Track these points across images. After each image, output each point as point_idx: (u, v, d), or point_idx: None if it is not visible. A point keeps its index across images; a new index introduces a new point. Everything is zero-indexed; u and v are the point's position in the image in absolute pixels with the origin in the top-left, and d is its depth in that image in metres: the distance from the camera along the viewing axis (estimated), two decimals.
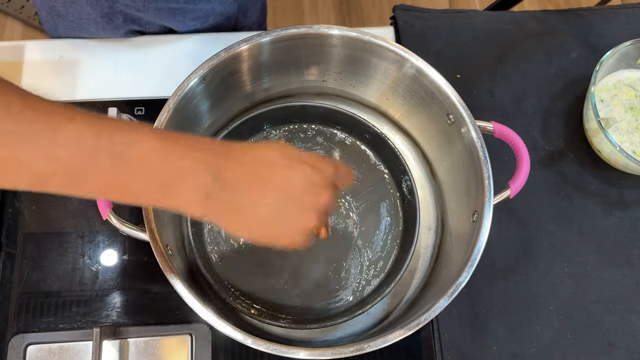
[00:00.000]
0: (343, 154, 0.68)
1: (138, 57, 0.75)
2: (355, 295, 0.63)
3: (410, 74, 0.61)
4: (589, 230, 0.70)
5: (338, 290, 0.63)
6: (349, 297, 0.62)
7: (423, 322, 0.51)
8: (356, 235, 0.65)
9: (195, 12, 0.72)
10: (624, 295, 0.68)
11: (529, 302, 0.67)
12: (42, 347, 0.61)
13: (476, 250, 0.53)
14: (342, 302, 0.62)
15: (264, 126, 0.68)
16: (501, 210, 0.69)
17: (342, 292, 0.63)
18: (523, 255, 0.69)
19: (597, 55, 0.71)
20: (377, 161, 0.68)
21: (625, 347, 0.66)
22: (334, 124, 0.68)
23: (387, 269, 0.64)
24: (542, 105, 0.75)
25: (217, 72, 0.58)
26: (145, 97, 0.72)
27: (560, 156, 0.73)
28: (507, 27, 0.79)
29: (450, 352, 0.64)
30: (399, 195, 0.67)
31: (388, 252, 0.65)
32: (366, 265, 0.64)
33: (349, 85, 0.68)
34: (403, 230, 0.65)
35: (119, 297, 0.64)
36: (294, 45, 0.60)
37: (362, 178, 0.67)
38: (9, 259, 0.65)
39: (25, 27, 1.62)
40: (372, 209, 0.66)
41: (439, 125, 0.62)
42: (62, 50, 0.74)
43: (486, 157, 0.56)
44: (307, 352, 0.49)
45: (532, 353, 0.65)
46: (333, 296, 0.62)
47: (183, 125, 0.59)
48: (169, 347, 0.62)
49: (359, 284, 0.63)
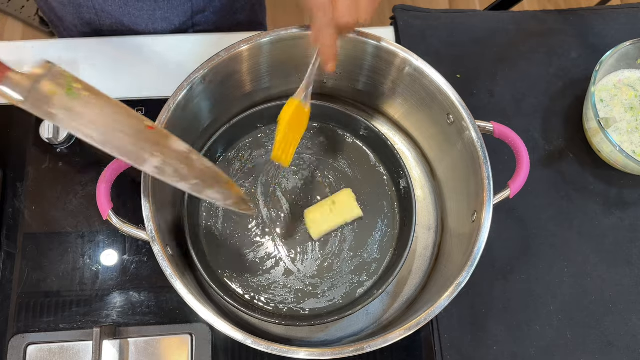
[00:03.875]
0: (343, 153, 0.68)
1: (138, 57, 0.75)
2: (346, 296, 0.63)
3: (410, 74, 0.61)
4: (589, 230, 0.70)
5: (330, 289, 0.63)
6: (339, 297, 0.63)
7: (423, 322, 0.51)
8: (351, 235, 0.65)
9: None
10: (623, 295, 0.68)
11: (529, 302, 0.67)
12: (42, 347, 0.61)
13: (476, 250, 0.53)
14: (333, 301, 0.62)
15: (257, 125, 0.68)
16: (501, 210, 0.69)
17: (333, 291, 0.63)
18: (523, 255, 0.69)
19: (597, 55, 0.71)
20: (377, 162, 0.68)
21: (625, 347, 0.66)
22: (336, 123, 0.68)
23: (380, 272, 0.64)
24: (542, 105, 0.75)
25: (217, 72, 0.58)
26: (145, 97, 0.72)
27: (560, 156, 0.73)
28: (507, 27, 0.79)
29: (450, 352, 0.64)
30: (397, 197, 0.67)
31: (382, 255, 0.65)
32: (359, 266, 0.64)
33: (349, 85, 0.68)
34: (399, 233, 0.65)
35: (119, 297, 0.64)
36: (294, 45, 0.60)
37: (360, 178, 0.67)
38: (9, 259, 0.65)
39: (25, 27, 1.62)
40: (370, 209, 0.66)
41: (439, 125, 0.62)
42: (62, 50, 0.74)
43: (486, 157, 0.56)
44: (307, 352, 0.49)
45: (532, 353, 0.65)
46: (324, 295, 0.62)
47: (183, 125, 0.59)
48: (169, 347, 0.62)
49: (351, 284, 0.63)
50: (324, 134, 0.69)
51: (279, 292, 0.62)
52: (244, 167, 0.67)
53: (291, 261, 0.64)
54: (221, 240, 0.64)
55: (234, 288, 0.62)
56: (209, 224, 0.64)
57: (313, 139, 0.68)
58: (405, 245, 0.61)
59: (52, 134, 0.67)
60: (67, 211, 0.67)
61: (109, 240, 0.66)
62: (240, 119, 0.65)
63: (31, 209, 0.67)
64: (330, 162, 0.68)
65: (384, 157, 0.67)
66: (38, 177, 0.68)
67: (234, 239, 0.64)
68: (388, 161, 0.67)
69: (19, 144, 0.69)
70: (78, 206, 0.67)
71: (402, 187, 0.65)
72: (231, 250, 0.64)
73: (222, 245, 0.64)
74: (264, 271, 0.63)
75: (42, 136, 0.68)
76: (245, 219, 0.65)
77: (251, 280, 0.62)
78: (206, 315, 0.50)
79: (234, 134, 0.66)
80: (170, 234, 0.60)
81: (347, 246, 0.64)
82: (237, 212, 0.54)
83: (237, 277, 0.62)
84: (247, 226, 0.65)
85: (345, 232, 0.65)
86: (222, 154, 0.67)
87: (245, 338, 0.50)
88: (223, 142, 0.66)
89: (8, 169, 0.68)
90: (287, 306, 0.62)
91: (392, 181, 0.67)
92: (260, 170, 0.67)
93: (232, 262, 0.63)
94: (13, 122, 0.70)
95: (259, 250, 0.64)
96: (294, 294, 0.62)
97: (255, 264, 0.63)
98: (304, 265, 0.64)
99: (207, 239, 0.64)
